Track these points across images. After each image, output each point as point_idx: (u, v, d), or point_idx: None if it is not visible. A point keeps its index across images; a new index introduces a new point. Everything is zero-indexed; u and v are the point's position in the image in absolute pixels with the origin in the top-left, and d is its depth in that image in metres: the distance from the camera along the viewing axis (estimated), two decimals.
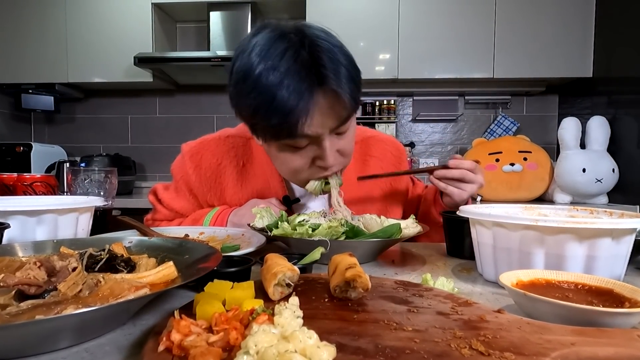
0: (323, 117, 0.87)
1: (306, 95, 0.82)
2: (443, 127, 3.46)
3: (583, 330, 0.42)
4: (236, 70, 0.91)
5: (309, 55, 0.84)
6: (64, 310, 0.42)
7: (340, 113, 0.89)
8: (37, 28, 3.14)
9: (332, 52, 0.86)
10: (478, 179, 1.03)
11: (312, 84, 0.83)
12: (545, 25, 2.88)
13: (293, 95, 0.82)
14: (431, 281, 0.61)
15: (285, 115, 0.83)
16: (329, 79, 0.83)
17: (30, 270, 0.52)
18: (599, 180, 2.53)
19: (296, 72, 0.82)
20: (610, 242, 0.60)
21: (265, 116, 0.85)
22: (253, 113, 0.88)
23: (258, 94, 0.84)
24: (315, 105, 0.84)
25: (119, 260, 0.58)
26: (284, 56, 0.83)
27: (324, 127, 0.89)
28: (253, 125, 0.94)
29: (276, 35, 0.87)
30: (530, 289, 0.53)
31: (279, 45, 0.85)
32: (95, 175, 1.09)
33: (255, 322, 0.39)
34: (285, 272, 0.53)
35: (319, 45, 0.85)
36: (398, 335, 0.42)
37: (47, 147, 3.25)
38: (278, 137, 0.90)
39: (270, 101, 0.83)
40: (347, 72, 0.86)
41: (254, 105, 0.86)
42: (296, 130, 0.85)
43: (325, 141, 0.91)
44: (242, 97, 0.89)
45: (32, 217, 0.76)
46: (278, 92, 0.82)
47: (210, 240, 0.91)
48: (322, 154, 0.93)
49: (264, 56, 0.84)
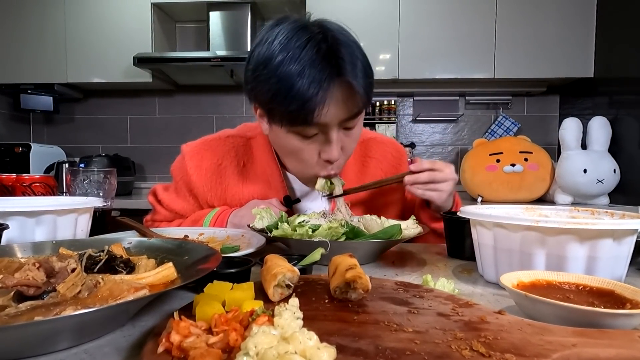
0: (336, 108, 0.91)
1: (325, 85, 0.87)
2: (444, 127, 3.46)
3: (584, 331, 0.42)
4: (256, 56, 0.94)
5: (330, 47, 0.88)
6: (63, 312, 0.42)
7: (353, 106, 0.93)
8: (36, 28, 3.14)
9: (350, 47, 0.91)
10: (449, 175, 1.01)
11: (331, 74, 0.87)
12: (546, 25, 2.88)
13: (313, 84, 0.86)
14: (432, 282, 0.61)
15: (303, 102, 0.87)
16: (346, 71, 0.88)
17: (29, 271, 0.52)
18: (600, 180, 2.53)
19: (317, 62, 0.86)
20: (612, 243, 0.60)
21: (284, 102, 0.89)
22: (272, 98, 0.91)
23: (278, 80, 0.88)
24: (331, 95, 0.88)
25: (118, 261, 0.58)
26: (305, 46, 0.87)
27: (335, 117, 0.93)
28: (269, 110, 0.96)
29: (298, 27, 0.91)
30: (531, 290, 0.53)
31: (301, 35, 0.89)
32: (94, 176, 1.09)
33: (255, 323, 0.39)
34: (285, 273, 0.53)
35: (339, 39, 0.90)
36: (398, 336, 0.42)
37: (46, 147, 3.25)
38: (293, 123, 0.93)
39: (290, 88, 0.87)
40: (362, 67, 0.91)
41: (273, 90, 0.90)
42: (312, 117, 0.89)
43: (333, 133, 0.95)
44: (261, 82, 0.92)
45: (31, 218, 0.76)
46: (298, 81, 0.86)
47: (210, 241, 0.91)
48: (329, 145, 0.96)
49: (285, 45, 0.88)
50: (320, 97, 0.86)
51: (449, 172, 1.02)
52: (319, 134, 0.96)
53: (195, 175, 1.17)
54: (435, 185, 1.01)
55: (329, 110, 0.89)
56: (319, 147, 0.98)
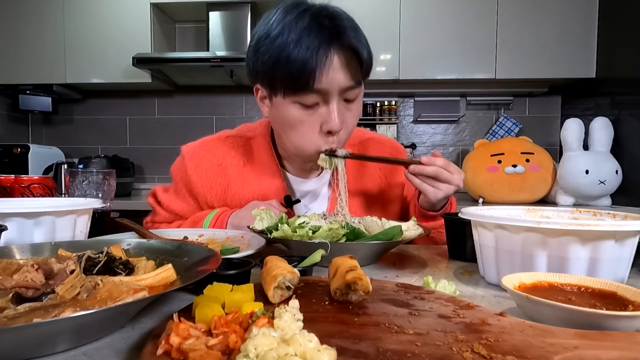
0: (337, 73, 0.94)
1: (325, 46, 0.91)
2: (445, 128, 3.46)
3: (586, 333, 0.42)
4: (256, 35, 0.99)
5: (330, 14, 0.94)
6: (62, 314, 0.42)
7: (354, 72, 0.96)
8: (34, 28, 3.14)
9: (351, 20, 0.98)
10: (454, 180, 0.99)
11: (330, 37, 0.91)
12: (548, 26, 2.88)
13: (311, 47, 0.90)
14: (433, 284, 0.61)
15: (303, 64, 0.90)
16: (348, 36, 0.92)
17: (28, 272, 0.52)
18: (602, 181, 2.53)
19: (315, 28, 0.91)
20: (614, 244, 0.60)
21: (285, 67, 0.92)
22: (272, 66, 0.94)
23: (278, 47, 0.92)
24: (331, 58, 0.92)
25: (117, 263, 0.58)
26: (303, 15, 0.92)
27: (336, 83, 0.95)
28: (270, 81, 0.98)
29: (297, 3, 0.96)
30: (533, 291, 0.53)
31: (300, 7, 0.95)
32: (93, 177, 1.09)
33: (255, 325, 0.39)
34: (285, 274, 0.53)
35: (339, 12, 0.97)
36: (399, 338, 0.42)
37: (44, 148, 3.25)
38: (295, 89, 0.95)
39: (290, 53, 0.91)
40: (364, 36, 0.97)
41: (274, 57, 0.93)
42: (313, 81, 0.92)
43: (333, 101, 0.97)
44: (262, 54, 0.96)
45: (29, 219, 0.76)
46: (298, 45, 0.90)
47: (209, 243, 0.91)
48: (329, 115, 0.98)
49: (284, 17, 0.94)
50: (320, 58, 0.90)
51: (457, 177, 1.00)
52: (320, 104, 0.98)
53: (195, 176, 1.17)
54: (436, 182, 0.99)
55: (329, 75, 0.92)
56: (320, 119, 1.00)
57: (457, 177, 1.00)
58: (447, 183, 0.99)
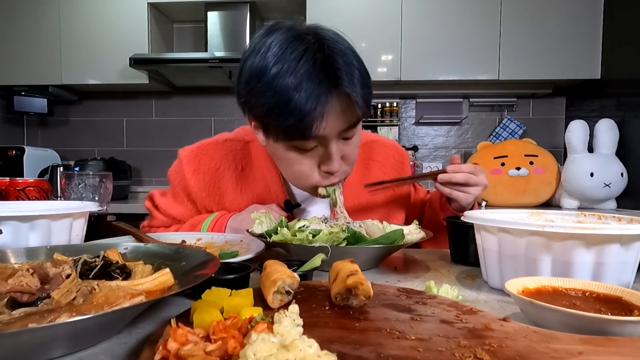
0: (334, 120, 0.90)
1: (323, 99, 0.86)
2: (447, 130, 3.46)
3: (591, 339, 0.42)
4: (249, 68, 0.92)
5: (326, 58, 0.87)
6: (58, 319, 0.42)
7: (351, 116, 0.93)
8: (30, 28, 3.15)
9: (347, 55, 0.90)
10: (482, 181, 1.04)
11: (329, 87, 0.86)
12: (552, 26, 2.89)
13: (311, 98, 0.85)
14: (435, 288, 0.61)
15: (301, 117, 0.86)
16: (343, 82, 0.86)
17: (23, 277, 0.52)
18: (607, 184, 2.53)
19: (313, 75, 0.85)
20: (619, 248, 0.60)
21: (280, 117, 0.88)
22: (267, 112, 0.90)
23: (274, 94, 0.87)
24: (330, 108, 0.88)
25: (114, 267, 0.58)
26: (301, 58, 0.86)
27: (334, 129, 0.92)
28: (264, 125, 0.95)
29: (292, 36, 0.89)
30: (537, 296, 0.53)
31: (297, 46, 0.87)
32: (89, 180, 1.09)
33: (254, 330, 0.40)
34: (284, 279, 0.53)
35: (334, 48, 0.89)
36: (401, 344, 0.42)
37: (40, 150, 3.25)
38: (290, 137, 0.92)
39: (287, 102, 0.85)
40: (360, 75, 0.90)
41: (269, 104, 0.88)
42: (310, 132, 0.88)
43: (332, 144, 0.94)
44: (255, 95, 0.91)
45: (24, 223, 0.76)
46: (296, 95, 0.85)
47: (207, 247, 0.91)
48: (328, 158, 0.96)
49: (280, 56, 0.87)
50: (319, 111, 0.86)
51: (483, 177, 1.05)
52: (318, 146, 0.96)
53: (193, 180, 1.17)
54: (466, 188, 1.04)
55: (327, 123, 0.89)
56: (318, 160, 0.98)
57: (482, 178, 1.05)
58: (476, 185, 1.04)
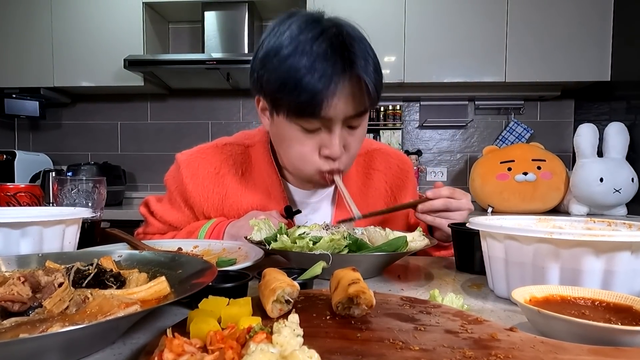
0: (344, 103, 0.95)
1: (335, 78, 0.91)
2: (452, 133, 3.46)
3: (600, 349, 0.42)
4: (266, 45, 0.98)
5: (342, 41, 0.93)
6: (50, 329, 0.42)
7: (361, 102, 0.97)
8: (21, 29, 3.16)
9: (363, 43, 0.97)
10: (463, 205, 1.02)
11: (342, 67, 0.92)
12: (560, 26, 2.89)
13: (324, 77, 0.90)
14: (439, 297, 0.61)
15: (313, 95, 0.91)
16: (358, 66, 0.93)
17: (14, 285, 0.52)
18: (618, 190, 2.53)
19: (328, 55, 0.91)
20: (630, 256, 0.60)
21: (292, 93, 0.93)
22: (280, 87, 0.95)
23: (289, 69, 0.92)
24: (341, 90, 0.93)
25: (108, 276, 0.58)
26: (318, 38, 0.92)
27: (341, 112, 0.96)
28: (274, 100, 0.99)
29: (311, 19, 0.96)
30: (545, 305, 0.54)
31: (314, 28, 0.94)
32: (82, 185, 1.10)
33: (253, 341, 0.40)
34: (284, 287, 0.53)
35: (352, 34, 0.97)
36: (404, 355, 0.42)
37: (31, 155, 3.26)
38: (300, 114, 0.96)
39: (300, 79, 0.91)
40: (374, 64, 0.97)
41: (282, 79, 0.94)
42: (320, 110, 0.93)
43: (336, 128, 0.98)
44: (269, 71, 0.96)
45: (15, 230, 0.77)
46: (308, 73, 0.90)
47: (204, 254, 0.91)
48: (331, 141, 0.99)
49: (297, 36, 0.93)
50: (331, 90, 0.91)
51: (465, 201, 1.03)
52: (321, 130, 0.99)
53: (192, 185, 1.17)
54: (447, 214, 1.02)
55: (337, 105, 0.93)
56: (320, 143, 1.01)
57: (465, 202, 1.03)
58: (458, 210, 1.02)
